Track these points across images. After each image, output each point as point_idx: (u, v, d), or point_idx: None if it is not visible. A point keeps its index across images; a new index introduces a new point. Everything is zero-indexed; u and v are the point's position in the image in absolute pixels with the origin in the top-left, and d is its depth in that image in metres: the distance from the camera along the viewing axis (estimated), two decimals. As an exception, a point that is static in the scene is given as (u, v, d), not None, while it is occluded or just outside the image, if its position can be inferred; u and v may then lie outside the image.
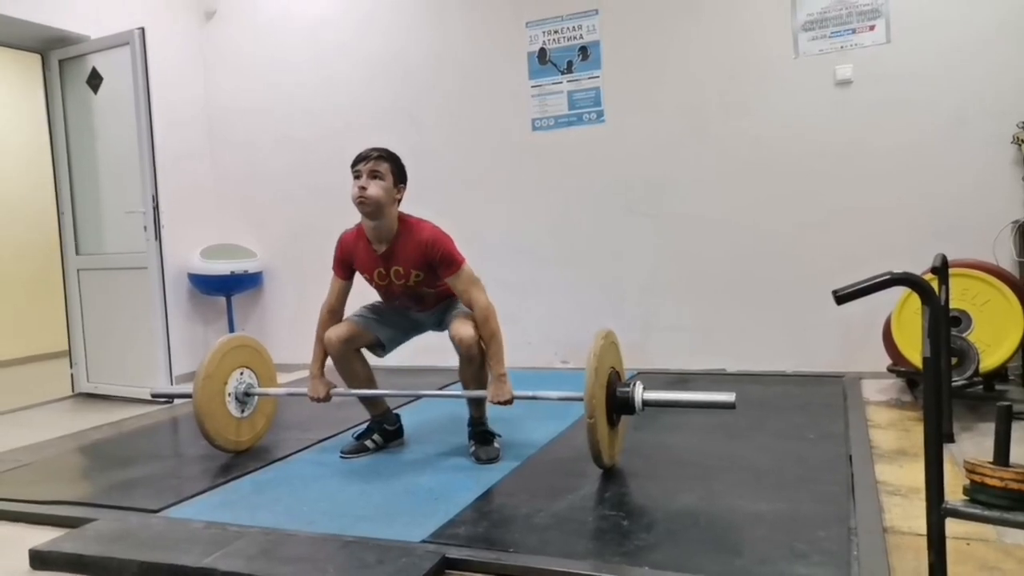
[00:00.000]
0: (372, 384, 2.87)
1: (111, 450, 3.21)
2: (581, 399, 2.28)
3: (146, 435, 3.46)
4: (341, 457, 2.80)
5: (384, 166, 2.57)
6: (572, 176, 4.35)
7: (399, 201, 2.64)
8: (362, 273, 2.78)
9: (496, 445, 2.69)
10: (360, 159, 2.59)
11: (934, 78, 3.59)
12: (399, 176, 2.63)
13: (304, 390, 2.84)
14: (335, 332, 2.73)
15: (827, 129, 3.79)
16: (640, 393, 2.36)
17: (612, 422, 2.38)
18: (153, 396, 3.53)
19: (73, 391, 4.55)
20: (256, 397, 2.98)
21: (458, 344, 2.56)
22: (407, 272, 2.65)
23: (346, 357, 2.78)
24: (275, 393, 3.03)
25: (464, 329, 2.56)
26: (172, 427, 3.65)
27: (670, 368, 4.06)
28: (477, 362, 2.59)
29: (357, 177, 2.57)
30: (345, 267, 2.80)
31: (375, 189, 2.53)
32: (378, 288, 2.79)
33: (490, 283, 3.04)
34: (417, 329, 2.92)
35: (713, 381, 3.81)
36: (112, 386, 4.39)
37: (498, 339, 2.58)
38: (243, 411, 2.94)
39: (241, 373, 2.93)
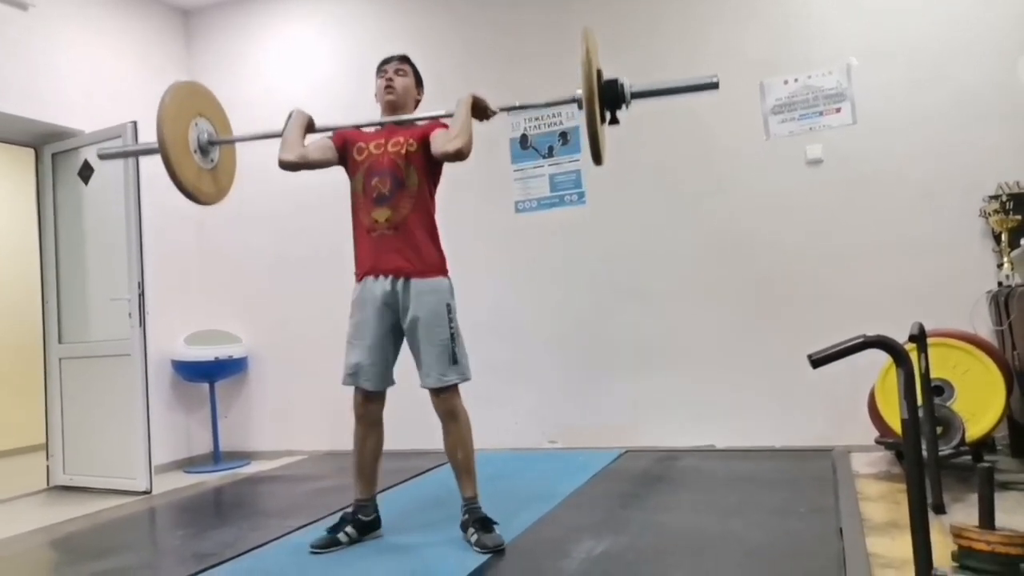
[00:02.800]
0: (377, 466, 2.77)
1: (84, 543, 3.11)
2: (573, 100, 2.40)
3: (121, 526, 3.35)
4: (311, 552, 2.62)
5: (407, 67, 2.82)
6: (556, 256, 4.42)
7: (418, 103, 2.87)
8: (356, 147, 2.72)
9: (498, 531, 2.52)
10: (386, 61, 2.81)
11: (901, 156, 3.73)
12: (419, 79, 2.88)
13: (273, 131, 2.79)
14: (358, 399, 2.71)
15: (801, 206, 3.90)
16: (628, 85, 2.44)
17: (603, 117, 2.43)
18: (101, 156, 3.18)
19: (48, 484, 4.42)
20: (218, 147, 2.84)
21: (439, 406, 2.60)
22: (404, 140, 2.67)
23: (372, 424, 2.73)
24: (240, 139, 2.94)
25: (446, 399, 2.60)
26: (149, 517, 3.55)
27: (659, 446, 4.01)
28: (463, 422, 2.61)
29: (383, 75, 2.78)
30: (340, 138, 2.76)
31: (400, 81, 2.77)
32: (364, 166, 2.69)
33: (477, 364, 3.03)
34: (395, 320, 2.69)
35: (702, 458, 3.76)
36: (88, 478, 4.27)
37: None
38: (206, 162, 2.81)
39: (197, 123, 2.80)
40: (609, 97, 2.41)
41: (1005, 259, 3.35)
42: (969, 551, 1.51)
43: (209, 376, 4.90)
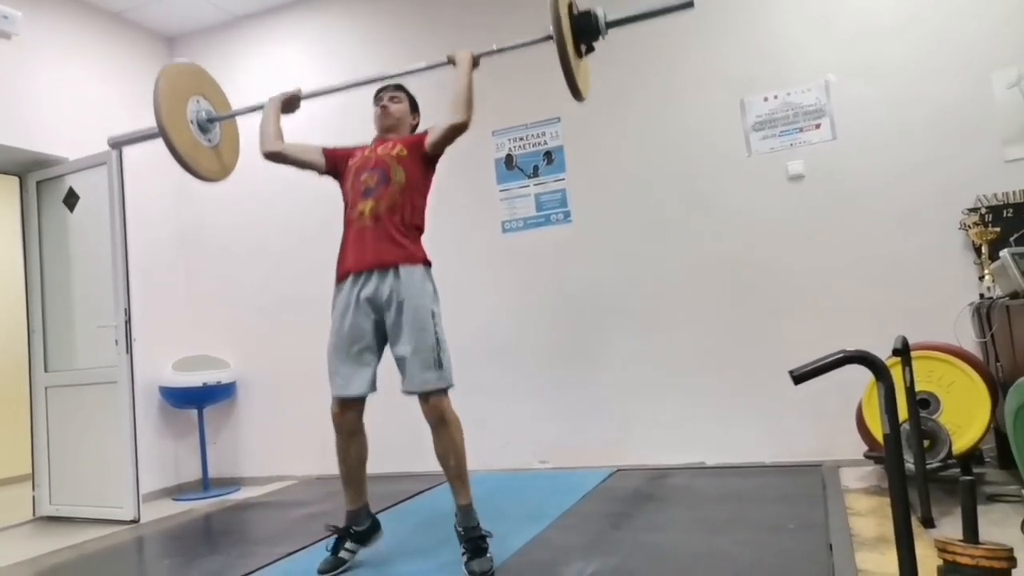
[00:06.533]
0: (363, 473, 2.74)
1: (70, 574, 3.07)
2: (549, 38, 2.36)
3: (108, 557, 3.31)
4: None
5: (401, 94, 2.95)
6: (544, 275, 4.43)
7: (414, 128, 2.96)
8: (349, 160, 2.83)
9: (489, 555, 2.49)
10: (382, 89, 2.94)
11: (881, 170, 3.77)
12: (414, 105, 2.99)
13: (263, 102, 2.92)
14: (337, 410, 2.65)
15: (785, 221, 3.92)
16: (602, 16, 2.44)
17: (579, 51, 2.43)
18: (112, 144, 3.25)
19: (34, 515, 4.37)
20: (218, 124, 2.90)
21: (428, 412, 2.56)
22: (393, 145, 2.78)
23: (352, 433, 2.66)
24: (237, 114, 2.99)
25: (435, 404, 2.55)
26: (136, 547, 3.51)
27: (649, 464, 4.00)
28: (454, 427, 2.55)
29: (379, 103, 2.91)
30: (332, 155, 2.90)
31: (395, 107, 2.89)
32: (355, 167, 2.78)
33: (467, 387, 3.05)
34: (376, 320, 2.66)
35: (693, 475, 3.75)
36: (76, 507, 4.22)
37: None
38: (208, 139, 2.86)
39: (197, 101, 2.87)
40: (584, 29, 2.47)
41: (986, 271, 3.38)
42: (954, 565, 1.52)
43: (197, 402, 4.86)
